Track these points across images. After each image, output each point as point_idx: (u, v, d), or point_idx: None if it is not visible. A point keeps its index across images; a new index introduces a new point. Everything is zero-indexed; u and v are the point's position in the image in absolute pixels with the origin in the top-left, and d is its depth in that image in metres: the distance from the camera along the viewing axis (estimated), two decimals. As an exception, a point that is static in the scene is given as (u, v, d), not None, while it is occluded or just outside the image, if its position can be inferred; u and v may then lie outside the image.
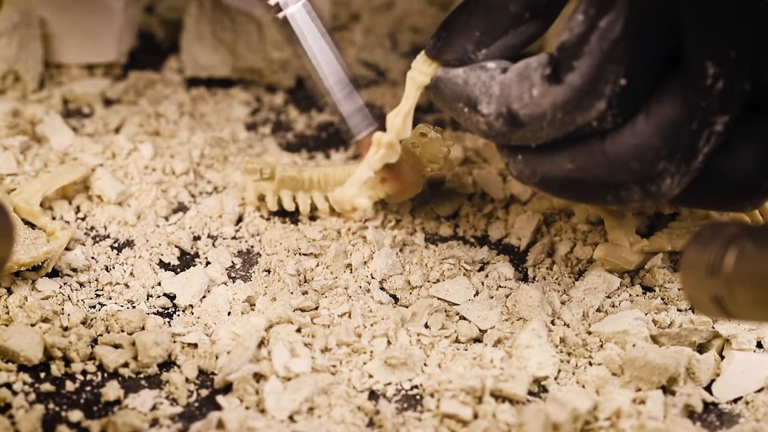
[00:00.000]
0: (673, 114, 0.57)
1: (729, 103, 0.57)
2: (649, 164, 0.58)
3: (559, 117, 0.58)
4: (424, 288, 0.67)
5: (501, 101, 0.59)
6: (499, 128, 0.59)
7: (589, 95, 0.57)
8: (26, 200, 0.70)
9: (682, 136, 0.57)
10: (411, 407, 0.61)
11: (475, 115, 0.60)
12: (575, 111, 0.58)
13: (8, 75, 0.79)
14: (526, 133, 0.59)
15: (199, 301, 0.67)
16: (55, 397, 0.61)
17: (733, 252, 0.52)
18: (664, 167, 0.58)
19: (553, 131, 0.59)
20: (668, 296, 0.67)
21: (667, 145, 0.57)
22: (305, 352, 0.62)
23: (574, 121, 0.58)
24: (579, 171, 0.59)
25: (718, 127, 0.57)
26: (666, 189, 0.58)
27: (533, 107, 0.58)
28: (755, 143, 0.58)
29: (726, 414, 0.61)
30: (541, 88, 0.58)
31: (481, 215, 0.72)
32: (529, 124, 0.59)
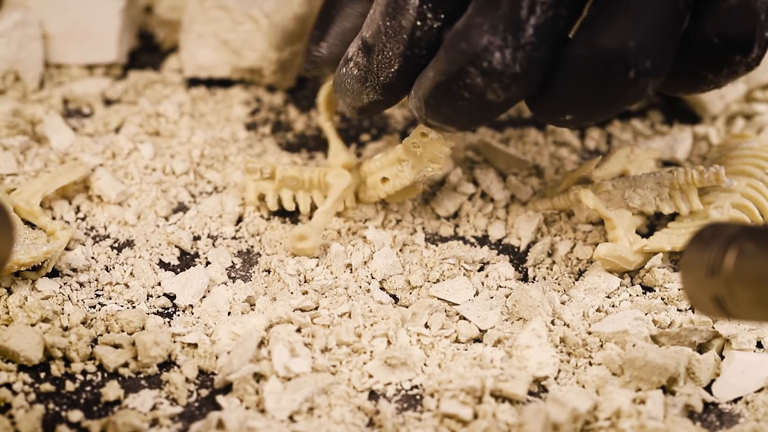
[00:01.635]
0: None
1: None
2: (474, 41, 0.58)
3: (388, 24, 0.60)
4: (424, 288, 0.67)
5: (359, 36, 0.63)
6: (362, 63, 0.62)
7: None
8: (26, 200, 0.69)
9: (499, 7, 0.57)
10: (411, 407, 0.61)
11: (348, 64, 0.63)
12: (397, 13, 0.60)
13: (8, 75, 0.79)
14: (379, 57, 0.61)
15: (199, 301, 0.67)
16: (55, 397, 0.61)
17: (733, 252, 0.52)
18: (488, 41, 0.58)
19: (394, 45, 0.61)
20: (668, 296, 0.67)
21: (487, 19, 0.57)
22: (305, 352, 0.62)
23: (401, 26, 0.60)
24: (435, 75, 0.60)
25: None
26: (498, 63, 0.58)
27: (372, 24, 0.61)
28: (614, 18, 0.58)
29: (726, 414, 0.61)
30: (374, 6, 0.61)
31: (481, 215, 0.72)
32: (375, 43, 0.61)
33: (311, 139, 0.79)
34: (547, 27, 0.57)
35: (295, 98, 0.82)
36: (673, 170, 0.69)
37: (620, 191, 0.70)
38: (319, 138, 0.79)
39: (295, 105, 0.81)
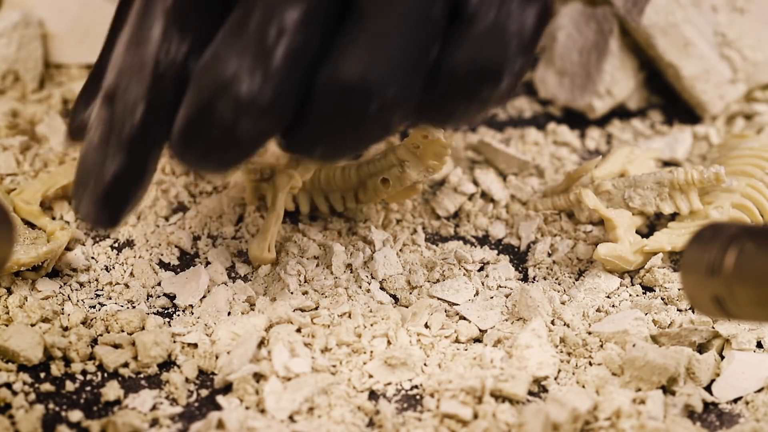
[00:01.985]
0: (235, 16, 0.54)
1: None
2: (220, 70, 0.53)
3: (130, 60, 0.56)
4: (424, 288, 0.67)
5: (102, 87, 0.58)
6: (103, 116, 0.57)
7: (145, 19, 0.55)
8: (26, 200, 0.69)
9: (246, 34, 0.53)
10: (411, 407, 0.61)
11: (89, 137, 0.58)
12: (139, 46, 0.55)
13: (8, 75, 0.79)
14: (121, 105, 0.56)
15: (199, 301, 0.67)
16: (55, 397, 0.61)
17: (733, 252, 0.52)
18: (235, 70, 0.53)
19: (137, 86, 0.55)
20: (668, 296, 0.67)
21: (232, 47, 0.54)
22: (305, 352, 0.62)
23: (143, 60, 0.55)
24: (185, 110, 0.55)
25: (288, 20, 0.53)
26: (247, 94, 0.53)
27: (114, 67, 0.57)
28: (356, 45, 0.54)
29: (726, 414, 0.61)
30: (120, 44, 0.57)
31: (481, 215, 0.72)
32: (116, 87, 0.56)
33: (311, 139, 0.79)
34: (297, 54, 0.54)
35: (295, 98, 0.82)
36: (673, 170, 0.69)
37: (620, 191, 0.70)
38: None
39: (295, 105, 0.81)
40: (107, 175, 0.56)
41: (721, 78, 0.79)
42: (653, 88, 0.81)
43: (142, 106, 0.55)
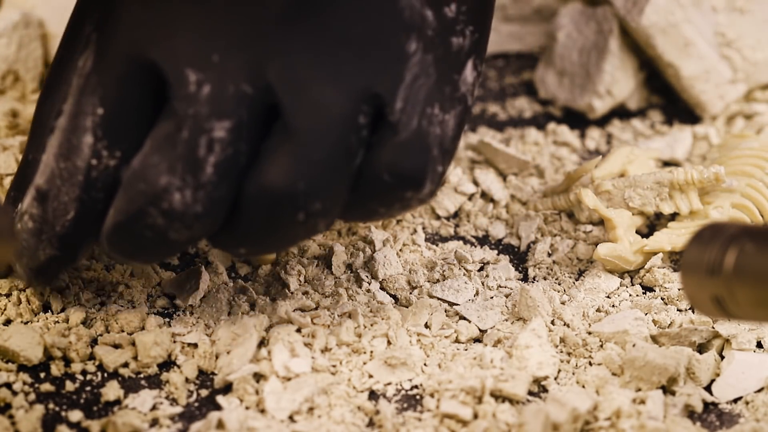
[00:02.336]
0: (165, 127, 0.56)
1: (224, 107, 0.55)
2: (152, 182, 0.56)
3: (62, 167, 0.58)
4: (424, 288, 0.67)
5: (33, 185, 0.60)
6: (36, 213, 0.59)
7: (75, 132, 0.57)
8: None
9: (176, 147, 0.55)
10: (411, 407, 0.61)
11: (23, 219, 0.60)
12: (71, 154, 0.58)
13: (8, 75, 0.79)
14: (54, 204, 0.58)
15: (199, 301, 0.67)
16: (55, 397, 0.61)
17: (733, 252, 0.52)
18: (167, 182, 0.56)
19: (71, 189, 0.58)
20: (668, 296, 0.67)
21: (164, 159, 0.56)
22: (305, 352, 0.62)
23: (75, 166, 0.57)
24: (115, 214, 0.57)
25: (218, 133, 0.55)
26: (179, 205, 0.56)
27: (45, 171, 0.59)
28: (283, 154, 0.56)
29: (726, 414, 0.61)
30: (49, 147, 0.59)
31: (482, 215, 0.72)
32: (50, 189, 0.58)
33: (311, 139, 0.79)
34: (227, 164, 0.56)
35: (295, 98, 0.82)
36: (673, 170, 0.69)
37: (620, 191, 0.70)
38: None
39: (295, 105, 0.81)
40: (40, 257, 0.60)
41: (721, 78, 0.79)
42: (653, 88, 0.81)
43: (74, 210, 0.58)
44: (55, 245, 0.59)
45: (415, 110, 0.57)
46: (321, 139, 0.56)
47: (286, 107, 0.56)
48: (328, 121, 0.56)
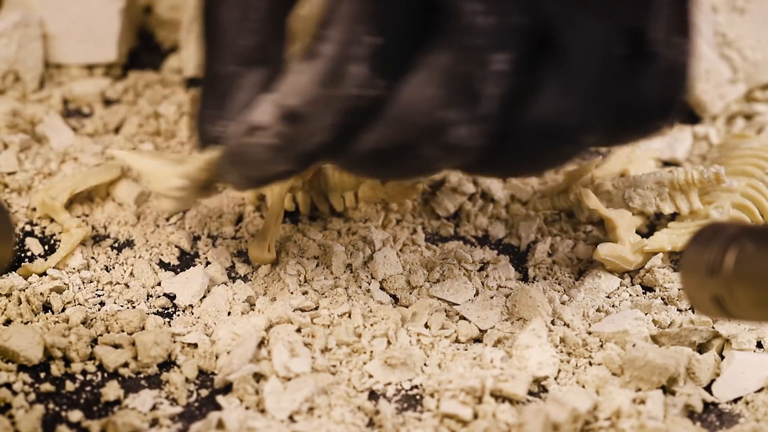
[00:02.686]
0: (442, 59, 0.55)
1: (505, 39, 0.54)
2: (429, 114, 0.55)
3: (323, 93, 0.55)
4: (424, 288, 0.67)
5: (276, 103, 0.56)
6: (284, 132, 0.56)
7: (343, 61, 0.55)
8: (52, 196, 0.70)
9: (455, 79, 0.55)
10: (411, 407, 0.61)
11: (257, 132, 0.57)
12: (335, 82, 0.55)
13: (8, 75, 0.79)
14: (308, 126, 0.56)
15: (199, 301, 0.67)
16: (55, 397, 0.61)
17: (733, 252, 0.52)
18: (445, 115, 0.55)
19: (329, 115, 0.56)
20: (668, 296, 0.67)
21: (442, 92, 0.55)
22: (305, 352, 0.62)
23: (337, 94, 0.55)
24: (378, 141, 0.56)
25: (498, 65, 0.54)
26: (457, 138, 0.55)
27: (303, 93, 0.56)
28: (556, 85, 0.56)
29: (726, 414, 0.61)
30: (302, 69, 0.56)
31: (481, 215, 0.72)
32: (307, 114, 0.56)
33: (311, 139, 0.79)
34: (505, 97, 0.55)
35: (295, 98, 0.82)
36: (673, 170, 0.69)
37: (620, 191, 0.70)
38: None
39: (295, 105, 0.81)
40: (271, 170, 0.58)
41: (721, 78, 0.79)
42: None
43: (327, 134, 0.56)
44: (293, 162, 0.58)
45: (669, 41, 0.57)
46: (594, 73, 0.56)
47: (564, 41, 0.55)
48: (602, 55, 0.56)
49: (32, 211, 0.71)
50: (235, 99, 0.59)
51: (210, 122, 0.60)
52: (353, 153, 0.57)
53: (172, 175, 0.62)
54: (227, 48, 0.59)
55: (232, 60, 0.59)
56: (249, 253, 0.68)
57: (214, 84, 0.60)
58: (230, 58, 0.59)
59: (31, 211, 0.71)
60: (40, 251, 0.69)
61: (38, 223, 0.71)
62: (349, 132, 0.56)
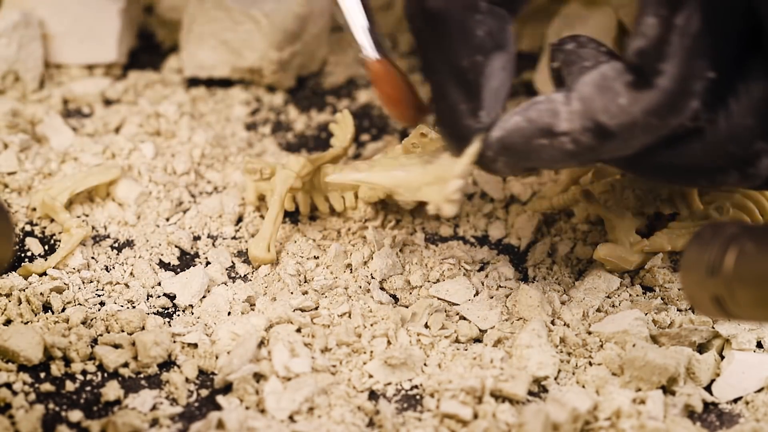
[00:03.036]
0: (763, 91, 0.56)
1: None
2: (746, 145, 0.57)
3: (652, 122, 0.57)
4: (424, 288, 0.67)
5: (585, 115, 0.57)
6: (587, 143, 0.58)
7: (681, 95, 0.56)
8: (52, 196, 0.70)
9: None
10: (411, 407, 0.61)
11: (557, 138, 0.58)
12: (669, 114, 0.57)
13: (8, 75, 0.79)
14: (618, 144, 0.58)
15: (199, 301, 0.67)
16: (55, 397, 0.61)
17: (733, 252, 0.52)
18: (760, 147, 0.57)
19: (646, 137, 0.58)
20: (668, 296, 0.67)
21: (760, 124, 0.56)
22: (305, 352, 0.62)
23: (667, 124, 0.57)
24: (674, 158, 0.58)
25: None
26: (763, 170, 0.57)
27: (623, 116, 0.57)
28: None
29: (726, 414, 0.61)
30: (628, 96, 0.57)
31: (481, 215, 0.73)
32: (620, 133, 0.57)
33: (311, 139, 0.79)
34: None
35: (295, 98, 0.82)
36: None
37: (620, 191, 0.70)
38: (319, 138, 0.79)
39: (295, 105, 0.81)
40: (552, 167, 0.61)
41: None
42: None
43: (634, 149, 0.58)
44: (581, 164, 0.60)
45: None
46: None
47: None
48: None
49: (32, 211, 0.71)
50: (488, 87, 0.59)
51: (469, 116, 0.60)
52: (647, 165, 0.59)
53: (431, 178, 0.62)
54: (461, 42, 0.59)
55: (473, 51, 0.59)
56: (249, 253, 0.68)
57: (458, 78, 0.59)
58: (469, 50, 0.59)
59: (31, 211, 0.71)
60: (40, 251, 0.69)
61: (38, 223, 0.71)
62: (654, 150, 0.58)
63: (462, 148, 0.60)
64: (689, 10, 0.55)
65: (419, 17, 0.59)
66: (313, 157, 0.71)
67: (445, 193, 0.60)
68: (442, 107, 0.60)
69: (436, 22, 0.59)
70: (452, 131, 0.60)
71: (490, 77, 0.59)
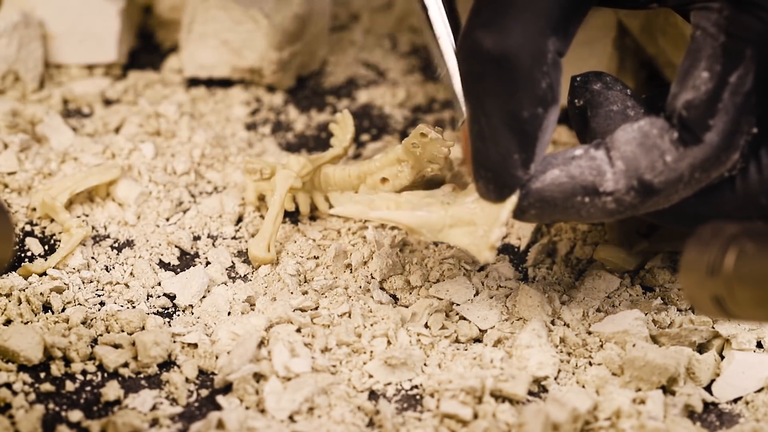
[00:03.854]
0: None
1: None
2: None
3: (696, 176, 0.58)
4: (424, 288, 0.67)
5: (630, 175, 0.58)
6: (630, 201, 0.58)
7: (726, 150, 0.58)
8: (52, 196, 0.70)
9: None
10: (411, 407, 0.61)
11: (600, 198, 0.59)
12: (713, 167, 0.58)
13: (8, 75, 0.79)
14: (660, 200, 0.59)
15: (199, 301, 0.67)
16: (55, 397, 0.61)
17: (733, 252, 0.52)
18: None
19: (687, 191, 0.59)
20: (668, 296, 0.67)
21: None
22: (305, 352, 0.62)
23: (709, 177, 0.58)
24: (706, 209, 0.60)
25: None
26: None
27: (669, 173, 0.58)
28: None
29: (726, 414, 0.61)
30: (675, 153, 0.58)
31: (481, 215, 0.72)
32: (665, 190, 0.58)
33: (311, 139, 0.79)
34: None
35: (295, 98, 0.82)
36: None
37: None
38: (319, 138, 0.79)
39: (295, 105, 0.81)
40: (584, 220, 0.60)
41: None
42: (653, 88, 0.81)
43: (672, 202, 0.59)
44: (614, 218, 0.60)
45: None
46: None
47: None
48: None
49: (32, 211, 0.71)
50: (542, 140, 0.59)
51: (520, 167, 0.59)
52: (675, 214, 0.60)
53: (455, 221, 0.61)
54: (526, 92, 0.58)
55: (535, 103, 0.58)
56: (249, 253, 0.68)
57: (517, 128, 0.58)
58: (532, 102, 0.58)
59: (31, 211, 0.71)
60: (40, 251, 0.69)
61: (38, 223, 0.71)
62: (686, 202, 0.59)
63: (505, 197, 0.59)
64: (744, 69, 0.57)
65: (481, 58, 0.58)
66: (313, 157, 0.71)
67: (489, 241, 0.60)
68: (492, 152, 0.59)
69: (501, 66, 0.57)
70: (498, 178, 0.59)
71: (546, 131, 0.59)
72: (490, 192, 0.60)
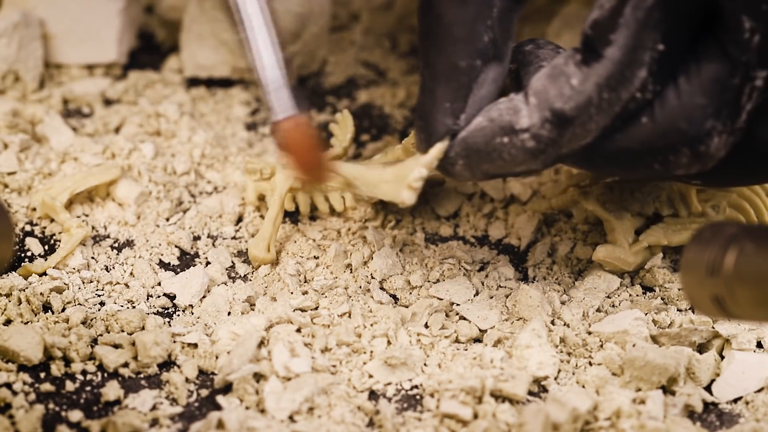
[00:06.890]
0: (715, 71, 0.57)
1: (764, 56, 0.56)
2: (697, 123, 0.57)
3: (605, 97, 0.57)
4: (424, 288, 0.67)
5: (542, 107, 0.58)
6: (547, 136, 0.58)
7: (630, 65, 0.57)
8: (52, 196, 0.70)
9: (726, 92, 0.57)
10: (411, 407, 0.61)
11: (518, 136, 0.58)
12: (619, 85, 0.57)
13: (8, 75, 0.79)
14: (576, 130, 0.58)
15: (199, 301, 0.67)
16: (55, 397, 0.61)
17: (733, 252, 0.52)
18: (711, 125, 0.57)
19: (602, 117, 0.58)
20: (668, 296, 0.67)
21: (712, 102, 0.57)
22: (305, 352, 0.62)
23: (619, 98, 0.57)
24: (631, 143, 0.59)
25: (758, 82, 0.57)
26: (714, 149, 0.58)
27: (577, 96, 0.57)
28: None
29: (726, 414, 0.62)
30: (579, 74, 0.57)
31: (481, 215, 0.73)
32: (577, 116, 0.58)
33: (311, 139, 0.79)
34: (753, 112, 0.58)
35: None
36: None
37: (619, 192, 0.70)
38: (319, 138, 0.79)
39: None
40: (512, 170, 0.60)
41: None
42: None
43: (592, 136, 0.58)
44: (542, 163, 0.59)
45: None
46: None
47: None
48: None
49: (32, 211, 0.71)
50: (477, 94, 0.59)
51: (449, 115, 0.60)
52: (602, 152, 0.59)
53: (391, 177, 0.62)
54: (466, 43, 0.59)
55: (473, 55, 0.59)
56: (249, 253, 0.68)
57: (452, 77, 0.59)
58: (471, 53, 0.59)
59: (31, 211, 0.71)
60: (40, 251, 0.69)
61: (38, 223, 0.71)
62: (609, 134, 0.58)
63: (432, 144, 0.60)
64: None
65: (430, 11, 0.59)
66: None
67: (407, 180, 0.60)
68: (426, 101, 0.60)
69: (440, 19, 0.59)
70: (428, 126, 0.60)
71: (481, 85, 0.59)
72: (421, 141, 0.61)
